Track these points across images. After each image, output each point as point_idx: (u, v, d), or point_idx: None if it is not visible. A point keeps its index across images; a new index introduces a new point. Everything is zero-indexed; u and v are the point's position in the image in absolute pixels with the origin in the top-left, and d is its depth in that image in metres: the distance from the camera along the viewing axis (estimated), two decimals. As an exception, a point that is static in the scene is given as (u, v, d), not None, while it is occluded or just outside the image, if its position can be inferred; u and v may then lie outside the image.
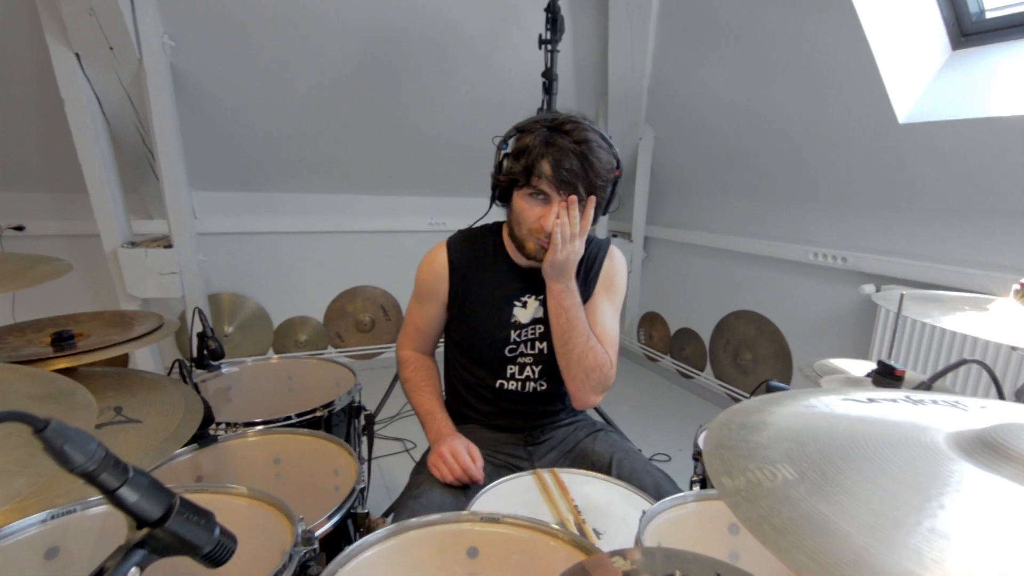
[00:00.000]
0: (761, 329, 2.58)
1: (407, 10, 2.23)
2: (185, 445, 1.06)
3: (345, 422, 1.38)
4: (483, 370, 1.18)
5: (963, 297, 0.87)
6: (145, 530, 0.39)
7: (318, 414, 1.23)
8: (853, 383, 0.76)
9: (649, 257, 3.31)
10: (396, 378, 1.97)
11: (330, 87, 2.42)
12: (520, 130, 1.05)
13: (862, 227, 2.10)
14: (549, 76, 1.87)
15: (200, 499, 0.78)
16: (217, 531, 0.43)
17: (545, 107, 1.92)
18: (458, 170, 3.00)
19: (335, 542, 0.88)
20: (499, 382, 1.18)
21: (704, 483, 1.10)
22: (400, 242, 3.16)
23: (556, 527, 0.66)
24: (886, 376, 0.70)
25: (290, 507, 0.73)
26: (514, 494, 0.96)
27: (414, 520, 0.67)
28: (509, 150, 1.05)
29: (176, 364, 1.04)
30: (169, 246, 2.16)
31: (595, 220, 1.09)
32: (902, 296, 0.73)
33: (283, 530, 0.71)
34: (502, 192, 1.09)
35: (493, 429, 1.20)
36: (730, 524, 0.74)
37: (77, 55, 1.76)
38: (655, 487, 1.00)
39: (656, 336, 3.33)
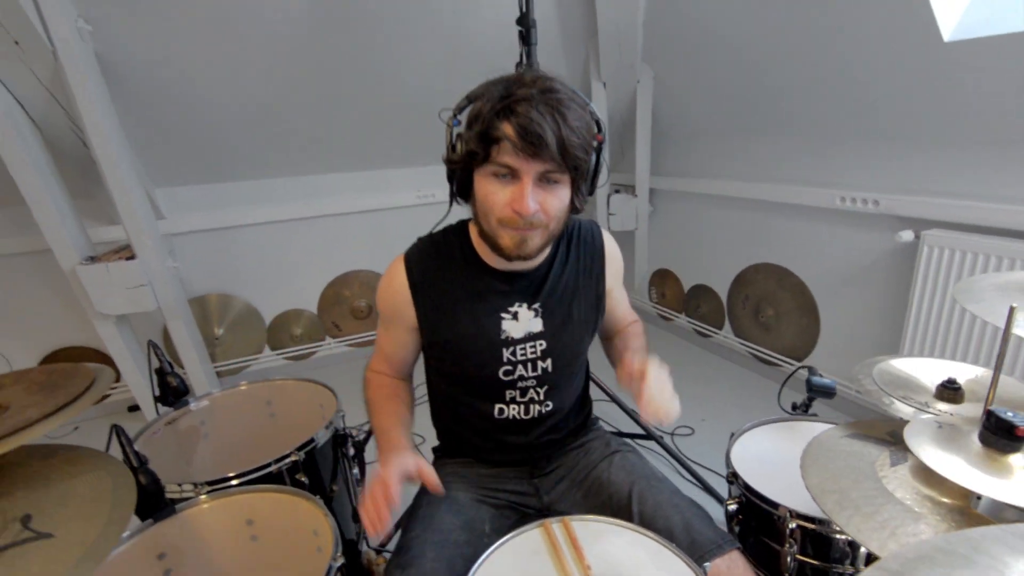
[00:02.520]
0: (783, 283, 2.38)
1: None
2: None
3: (332, 452, 1.24)
4: (477, 399, 1.00)
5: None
6: None
7: (293, 459, 1.09)
8: (948, 436, 0.57)
9: (656, 211, 3.08)
10: None
11: (292, 57, 2.15)
12: (472, 99, 0.83)
13: (896, 166, 1.86)
14: (526, 23, 1.60)
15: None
16: None
17: (523, 60, 1.66)
18: (442, 135, 2.74)
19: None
20: (498, 407, 0.99)
21: (741, 511, 0.95)
22: (390, 220, 2.95)
23: None
24: (1001, 436, 0.51)
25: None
26: (521, 555, 0.82)
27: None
28: (461, 126, 0.83)
29: (112, 432, 0.88)
30: (132, 257, 1.98)
31: (580, 207, 0.89)
32: (1013, 309, 0.53)
33: None
34: (460, 181, 0.87)
35: (493, 464, 1.04)
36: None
37: (-20, 56, 1.52)
38: (685, 530, 0.84)
39: (669, 294, 3.14)
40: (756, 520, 0.93)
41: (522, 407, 0.99)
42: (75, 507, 0.71)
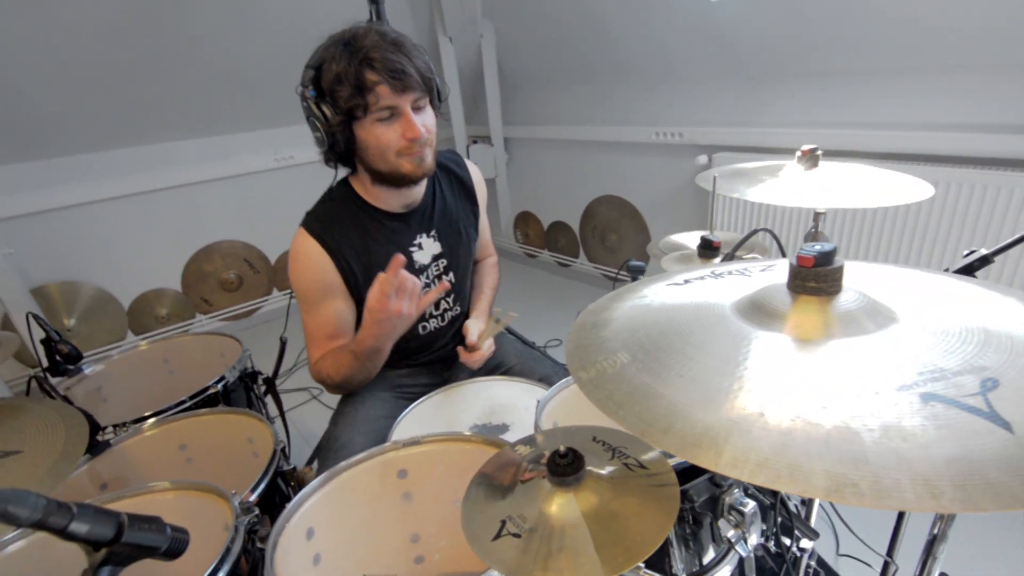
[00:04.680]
0: (622, 211, 2.83)
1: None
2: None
3: (243, 392, 1.36)
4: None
5: (764, 167, 1.05)
6: (104, 551, 0.42)
7: (212, 391, 1.21)
8: (685, 259, 0.92)
9: (512, 159, 3.38)
10: (286, 345, 1.90)
11: (108, 13, 2.00)
12: (316, 67, 0.93)
13: (693, 102, 2.32)
14: (371, -18, 1.71)
15: (124, 507, 0.77)
16: (168, 529, 0.46)
17: (373, 18, 1.78)
18: (291, 94, 2.72)
19: (273, 503, 0.93)
20: (421, 326, 1.18)
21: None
22: (247, 186, 2.88)
23: (468, 433, 0.77)
24: (707, 249, 0.87)
25: (219, 486, 0.75)
26: (429, 412, 1.06)
27: (342, 464, 0.73)
28: (317, 94, 0.93)
29: (31, 380, 0.94)
30: (-44, 245, 1.79)
31: (440, 117, 1.04)
32: (715, 178, 0.87)
33: (220, 509, 0.74)
34: (345, 140, 0.96)
35: (403, 374, 1.23)
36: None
37: None
38: (547, 376, 1.16)
39: (532, 233, 3.51)
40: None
41: (439, 318, 1.21)
42: (32, 431, 0.80)
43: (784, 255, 0.80)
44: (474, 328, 1.16)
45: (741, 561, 0.67)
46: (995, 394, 0.31)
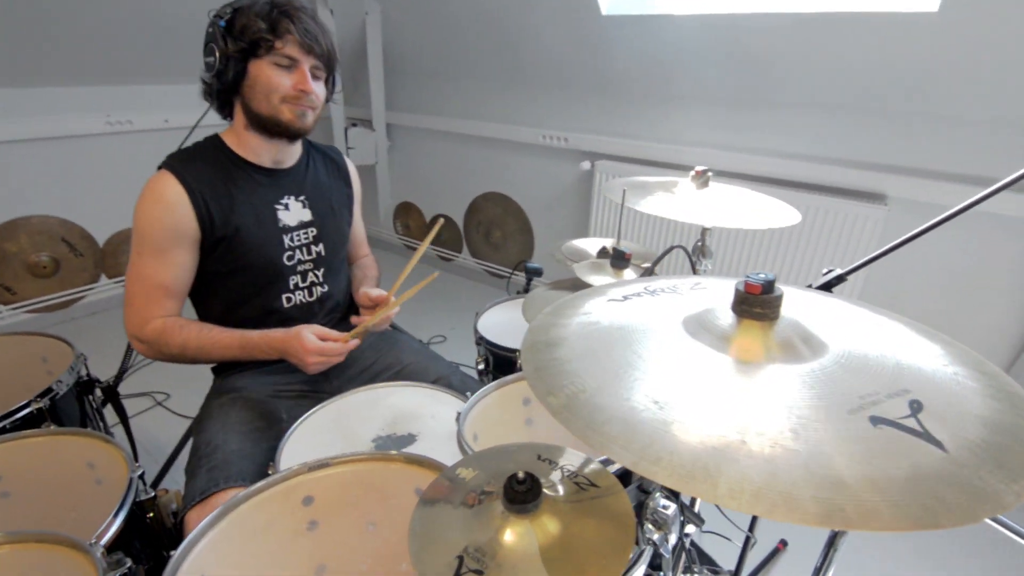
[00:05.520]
0: (506, 208, 2.87)
1: None
2: None
3: (76, 404, 1.12)
4: (261, 295, 1.08)
5: (659, 182, 1.12)
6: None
7: (34, 407, 0.97)
8: (596, 268, 0.95)
9: (394, 146, 3.24)
10: (130, 348, 1.61)
11: None
12: (237, 8, 0.97)
13: (579, 110, 2.42)
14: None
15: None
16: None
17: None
18: (141, 49, 2.31)
19: (131, 540, 0.77)
20: (285, 296, 1.10)
21: (488, 364, 1.28)
22: (71, 151, 2.39)
23: (393, 453, 0.70)
24: (620, 260, 0.91)
25: (69, 535, 0.59)
26: (322, 425, 0.97)
27: (240, 495, 0.63)
28: (226, 26, 0.96)
29: None
30: None
31: (329, 99, 1.09)
32: (624, 191, 0.91)
33: (75, 565, 0.58)
34: (235, 73, 0.97)
35: (278, 371, 1.12)
36: (523, 398, 0.90)
37: None
38: (443, 377, 1.13)
39: (413, 225, 3.40)
40: (500, 368, 1.28)
41: (305, 291, 1.13)
42: None
43: (695, 272, 0.87)
44: (376, 291, 1.13)
45: (654, 557, 0.71)
46: (923, 415, 0.36)
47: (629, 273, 0.94)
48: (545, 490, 0.47)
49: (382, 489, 0.68)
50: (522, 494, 0.44)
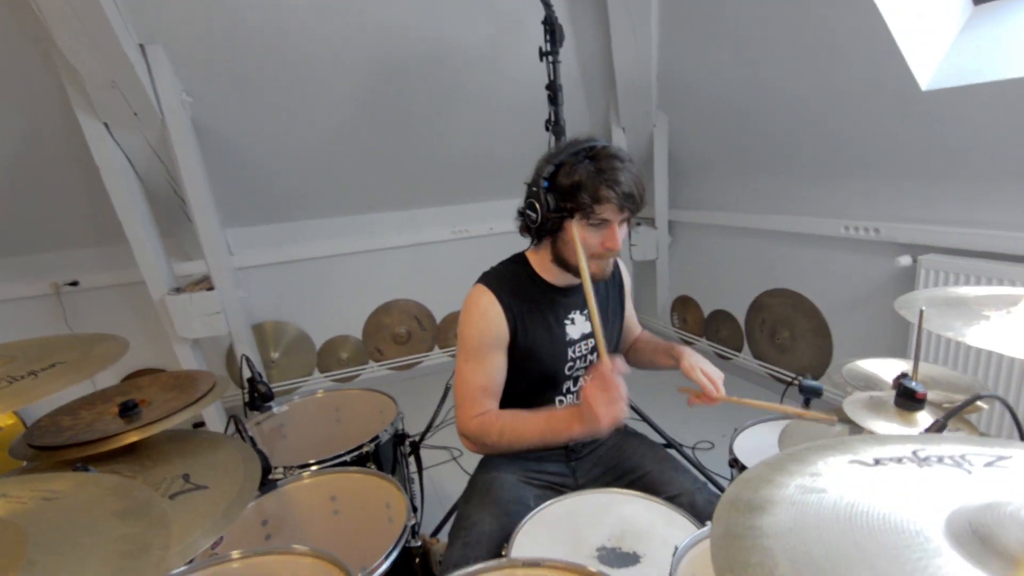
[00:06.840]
0: (797, 306, 2.53)
1: (406, 38, 2.26)
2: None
3: (391, 450, 1.45)
4: (542, 394, 1.20)
5: (990, 295, 0.85)
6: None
7: (365, 449, 1.31)
8: (876, 406, 0.76)
9: (675, 241, 3.28)
10: (445, 397, 2.01)
11: (344, 118, 2.48)
12: (556, 164, 1.05)
13: (894, 197, 2.03)
14: (553, 88, 1.87)
15: (269, 561, 0.85)
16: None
17: (552, 118, 1.92)
18: (473, 178, 3.05)
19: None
20: (558, 399, 1.22)
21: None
22: (426, 253, 3.24)
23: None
24: (908, 400, 0.70)
25: (346, 564, 0.79)
26: (556, 518, 1.01)
27: (472, 568, 0.72)
28: (549, 185, 1.05)
29: (231, 421, 1.12)
30: (211, 288, 2.28)
31: None
32: (921, 312, 0.72)
33: None
34: (553, 225, 1.07)
35: (531, 458, 1.22)
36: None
37: (106, 124, 1.87)
38: (685, 494, 1.04)
39: (690, 319, 3.31)
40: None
41: (575, 394, 1.22)
42: (220, 468, 0.94)
43: (1022, 436, 0.60)
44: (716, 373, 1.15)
45: None
46: None
47: (924, 418, 0.71)
48: None
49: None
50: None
